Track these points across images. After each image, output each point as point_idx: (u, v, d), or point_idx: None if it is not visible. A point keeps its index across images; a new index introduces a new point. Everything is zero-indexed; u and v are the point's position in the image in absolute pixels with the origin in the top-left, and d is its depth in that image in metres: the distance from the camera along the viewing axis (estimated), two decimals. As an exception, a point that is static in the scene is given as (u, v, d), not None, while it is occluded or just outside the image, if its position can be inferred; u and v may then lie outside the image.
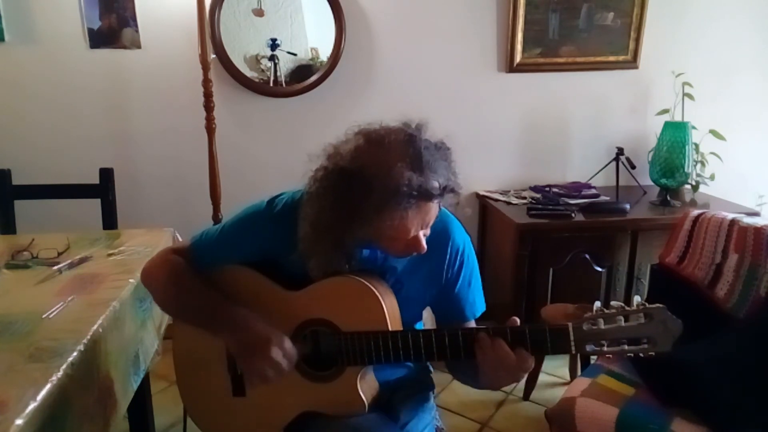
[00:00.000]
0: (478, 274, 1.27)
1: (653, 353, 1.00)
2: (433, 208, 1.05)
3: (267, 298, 1.17)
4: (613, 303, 1.02)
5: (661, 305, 1.00)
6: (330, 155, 1.04)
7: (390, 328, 1.11)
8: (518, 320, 1.05)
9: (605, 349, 1.01)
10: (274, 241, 1.15)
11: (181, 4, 2.42)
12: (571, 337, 1.01)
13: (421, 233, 1.06)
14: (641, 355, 1.01)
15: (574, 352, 1.02)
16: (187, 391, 1.29)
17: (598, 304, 1.02)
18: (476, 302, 1.26)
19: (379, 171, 0.98)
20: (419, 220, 1.03)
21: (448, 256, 1.20)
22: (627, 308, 1.00)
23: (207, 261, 1.21)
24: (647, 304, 1.00)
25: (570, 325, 1.02)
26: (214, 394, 1.24)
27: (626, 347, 1.01)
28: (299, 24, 2.60)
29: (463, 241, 1.23)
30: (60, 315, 1.29)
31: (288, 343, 1.09)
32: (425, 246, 1.08)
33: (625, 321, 1.00)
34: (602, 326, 1.01)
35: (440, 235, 1.18)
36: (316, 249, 1.07)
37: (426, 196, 1.00)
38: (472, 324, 1.25)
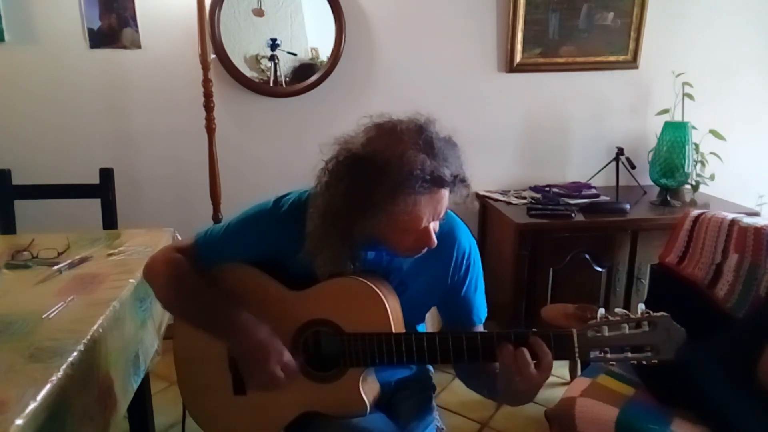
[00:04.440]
0: (483, 279, 1.27)
1: (656, 361, 1.00)
2: (445, 197, 1.04)
3: (270, 297, 1.16)
4: (617, 310, 1.02)
5: (665, 314, 1.00)
6: (341, 146, 1.04)
7: (393, 330, 1.11)
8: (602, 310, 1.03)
9: (609, 356, 1.01)
10: (280, 241, 1.15)
11: (181, 4, 2.42)
12: (576, 344, 1.01)
13: (431, 225, 1.06)
14: (644, 363, 1.01)
15: (577, 358, 1.02)
16: (188, 389, 1.29)
17: (602, 311, 1.02)
18: (481, 307, 1.26)
19: (392, 156, 0.97)
20: (431, 209, 1.02)
21: (454, 259, 1.20)
22: (631, 316, 1.00)
23: (211, 259, 1.21)
24: (651, 313, 1.00)
25: (574, 331, 1.02)
26: (214, 393, 1.24)
27: (629, 355, 1.01)
28: (299, 24, 2.60)
29: (470, 244, 1.22)
30: (60, 315, 1.29)
31: (287, 356, 1.10)
32: (435, 240, 1.07)
33: (628, 329, 1.00)
34: (606, 333, 1.01)
35: (446, 237, 1.17)
36: (324, 244, 1.06)
37: (439, 182, 0.99)
38: (479, 328, 1.25)
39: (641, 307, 1.01)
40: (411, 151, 0.98)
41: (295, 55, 2.62)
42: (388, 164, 0.97)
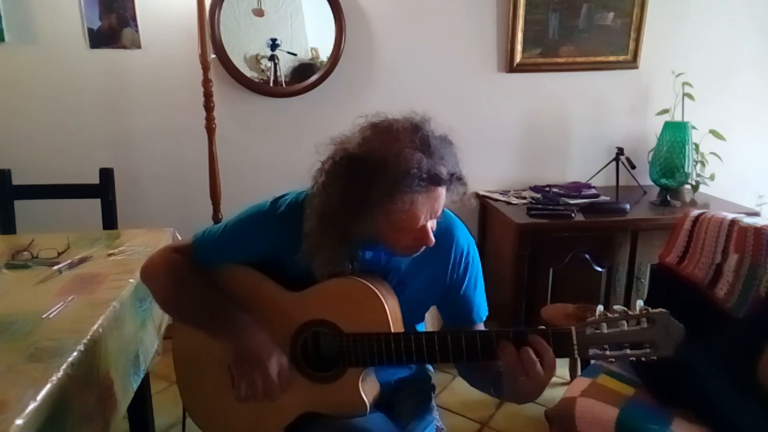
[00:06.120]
0: (482, 278, 1.27)
1: (655, 357, 1.00)
2: (442, 196, 1.04)
3: (268, 298, 1.16)
4: (615, 307, 1.01)
5: (663, 310, 0.99)
6: (337, 146, 1.03)
7: (392, 330, 1.11)
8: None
9: (608, 353, 1.01)
10: (278, 241, 1.15)
11: (181, 4, 2.42)
12: (574, 341, 1.01)
13: (429, 224, 1.05)
14: (643, 359, 1.01)
15: (576, 356, 1.02)
16: (187, 390, 1.29)
17: (600, 308, 1.02)
18: (481, 306, 1.26)
19: (388, 155, 0.97)
20: (428, 207, 1.02)
21: (452, 258, 1.19)
22: (630, 313, 1.00)
23: (208, 260, 1.20)
24: (650, 309, 1.00)
25: (573, 329, 1.01)
26: (214, 394, 1.24)
27: (629, 351, 1.01)
28: (299, 24, 2.60)
29: (468, 243, 1.22)
30: (60, 315, 1.29)
31: (286, 366, 1.10)
32: (433, 239, 1.07)
33: (627, 326, 1.00)
34: (605, 330, 1.00)
35: (444, 236, 1.17)
36: (321, 244, 1.06)
37: (435, 180, 0.99)
38: (479, 327, 1.25)
39: (640, 303, 1.01)
40: (407, 149, 0.97)
41: (295, 55, 2.62)
42: (384, 163, 0.97)
